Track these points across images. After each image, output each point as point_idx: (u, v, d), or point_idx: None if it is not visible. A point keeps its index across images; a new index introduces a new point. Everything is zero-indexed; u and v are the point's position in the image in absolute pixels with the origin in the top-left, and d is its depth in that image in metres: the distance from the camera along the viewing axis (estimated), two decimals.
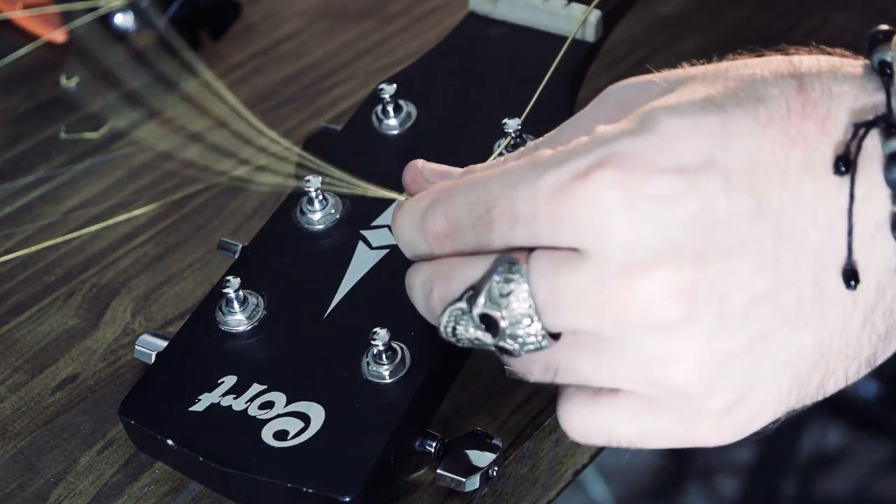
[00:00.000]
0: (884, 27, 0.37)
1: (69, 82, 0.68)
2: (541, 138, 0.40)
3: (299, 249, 0.47)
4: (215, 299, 0.45)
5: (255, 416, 0.42)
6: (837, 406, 1.31)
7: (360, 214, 0.48)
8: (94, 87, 0.68)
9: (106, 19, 0.69)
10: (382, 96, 0.51)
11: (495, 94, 0.52)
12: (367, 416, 0.42)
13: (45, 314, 0.53)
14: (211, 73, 0.50)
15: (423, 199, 0.38)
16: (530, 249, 0.36)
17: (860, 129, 0.34)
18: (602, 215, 0.34)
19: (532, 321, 0.35)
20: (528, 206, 0.35)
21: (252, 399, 0.42)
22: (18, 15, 0.71)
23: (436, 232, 0.38)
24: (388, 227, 0.47)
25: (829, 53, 0.38)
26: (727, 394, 0.35)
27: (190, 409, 0.43)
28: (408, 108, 0.51)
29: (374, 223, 0.47)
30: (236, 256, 0.48)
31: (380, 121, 0.51)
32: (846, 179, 0.34)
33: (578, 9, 0.53)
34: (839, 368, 0.36)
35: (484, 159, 0.47)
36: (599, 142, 0.35)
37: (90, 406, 0.49)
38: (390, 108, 0.51)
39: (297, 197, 0.48)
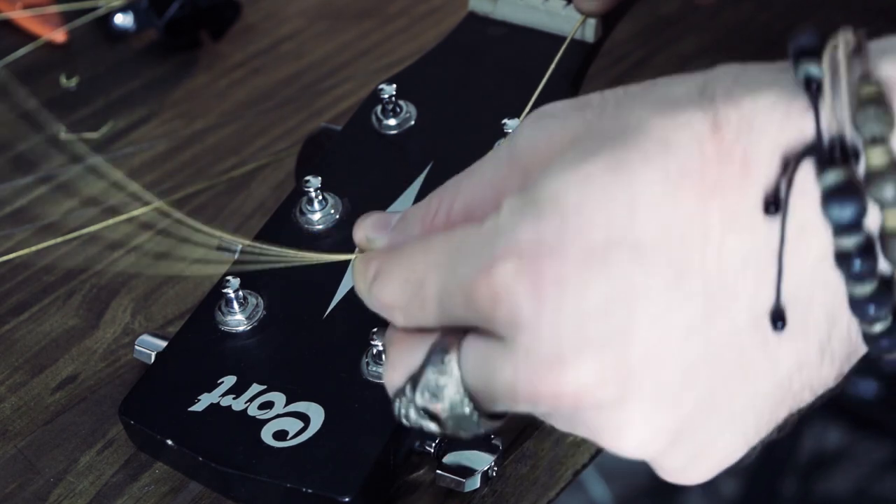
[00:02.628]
0: (808, 32, 0.33)
1: (69, 82, 0.68)
2: (451, 180, 0.37)
3: (299, 249, 0.47)
4: (215, 299, 0.45)
5: (254, 417, 0.42)
6: (837, 406, 1.31)
7: (360, 214, 0.47)
8: (94, 86, 0.68)
9: (106, 19, 0.69)
10: (382, 96, 0.51)
11: (495, 95, 0.52)
12: (367, 417, 0.42)
13: (45, 314, 0.53)
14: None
15: (368, 268, 0.37)
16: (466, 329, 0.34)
17: (789, 163, 0.31)
18: (512, 310, 0.32)
19: (470, 409, 0.34)
20: (449, 294, 0.34)
21: (252, 399, 0.42)
22: (18, 15, 0.71)
23: (383, 303, 0.36)
24: None
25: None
26: (686, 450, 0.34)
27: (189, 409, 0.43)
28: (408, 108, 0.51)
29: None
30: (236, 256, 0.48)
31: (380, 121, 0.51)
32: (776, 219, 0.31)
33: None
34: (806, 395, 0.34)
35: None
36: (502, 231, 0.33)
37: (90, 406, 0.49)
38: (390, 108, 0.51)
39: (297, 197, 0.48)
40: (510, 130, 0.48)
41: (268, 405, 0.42)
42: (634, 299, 0.31)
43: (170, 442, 0.42)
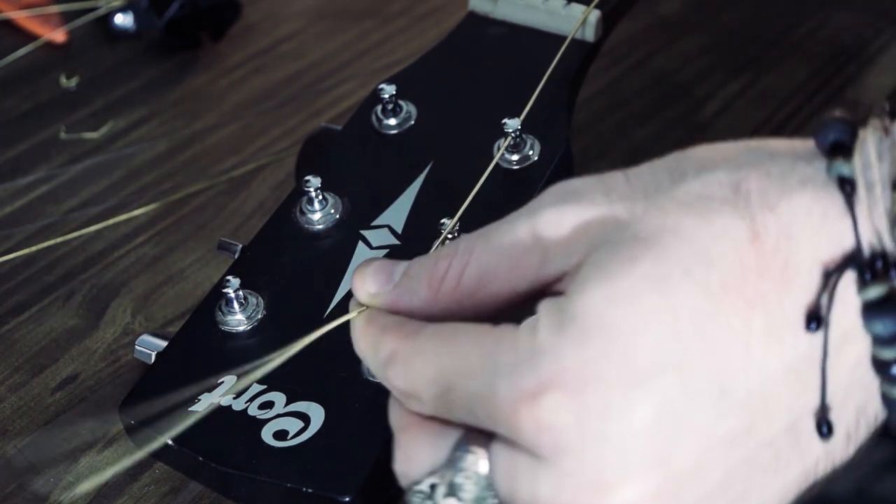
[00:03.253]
0: (837, 125, 0.32)
1: (69, 82, 0.68)
2: (463, 242, 0.36)
3: (299, 249, 0.47)
4: (215, 299, 0.45)
5: (254, 416, 0.42)
6: None
7: (360, 214, 0.48)
8: (94, 86, 0.68)
9: (106, 19, 0.69)
10: (382, 96, 0.51)
11: (495, 94, 0.52)
12: (367, 417, 0.41)
13: (45, 314, 0.53)
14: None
15: (381, 346, 0.36)
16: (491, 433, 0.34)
17: (830, 276, 0.31)
18: (556, 438, 0.31)
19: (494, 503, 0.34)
20: (482, 406, 0.33)
21: (252, 399, 0.42)
22: (18, 15, 0.71)
23: (398, 389, 0.35)
24: (389, 227, 0.47)
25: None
26: None
27: (190, 409, 0.43)
28: (408, 108, 0.51)
29: (374, 223, 0.47)
30: (236, 256, 0.47)
31: (380, 121, 0.51)
32: (818, 333, 0.31)
33: (578, 9, 0.53)
34: (827, 470, 0.34)
35: (484, 159, 0.48)
36: (543, 351, 0.32)
37: (90, 406, 0.49)
38: (390, 108, 0.51)
39: (297, 197, 0.48)
40: (510, 130, 0.47)
41: (268, 405, 0.42)
42: (678, 419, 0.31)
43: (170, 442, 0.42)
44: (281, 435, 0.41)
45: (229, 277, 0.45)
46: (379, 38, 0.71)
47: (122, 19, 0.69)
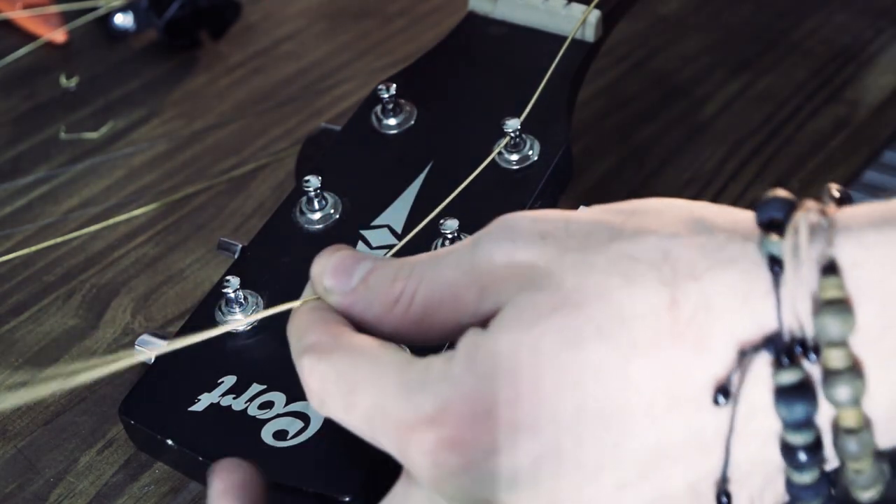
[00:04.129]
0: (775, 202, 0.32)
1: (69, 82, 0.68)
2: (418, 265, 0.36)
3: (299, 249, 0.47)
4: (215, 299, 0.45)
5: (254, 416, 0.42)
6: None
7: (359, 214, 0.48)
8: (94, 86, 0.68)
9: (106, 19, 0.69)
10: (382, 96, 0.51)
11: (495, 94, 0.52)
12: None
13: (45, 314, 0.54)
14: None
15: (308, 335, 0.36)
16: None
17: (746, 354, 0.31)
18: (437, 473, 0.32)
19: None
20: (380, 422, 0.33)
21: (252, 399, 0.42)
22: (18, 15, 0.71)
23: (307, 380, 0.35)
24: (389, 226, 0.47)
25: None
26: None
27: (190, 409, 0.43)
28: (408, 108, 0.51)
29: (374, 223, 0.47)
30: (236, 256, 0.48)
31: (380, 121, 0.51)
32: (726, 407, 0.31)
33: (578, 9, 0.53)
34: None
35: (483, 159, 0.48)
36: (449, 382, 0.32)
37: (90, 406, 0.49)
38: (390, 108, 0.51)
39: (297, 197, 0.48)
40: (510, 130, 0.47)
41: (268, 405, 0.42)
42: (563, 464, 0.31)
43: (170, 442, 0.42)
44: (281, 435, 0.41)
45: (229, 277, 0.45)
46: (379, 38, 0.71)
47: (122, 19, 0.69)
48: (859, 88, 0.65)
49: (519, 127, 0.48)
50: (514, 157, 0.48)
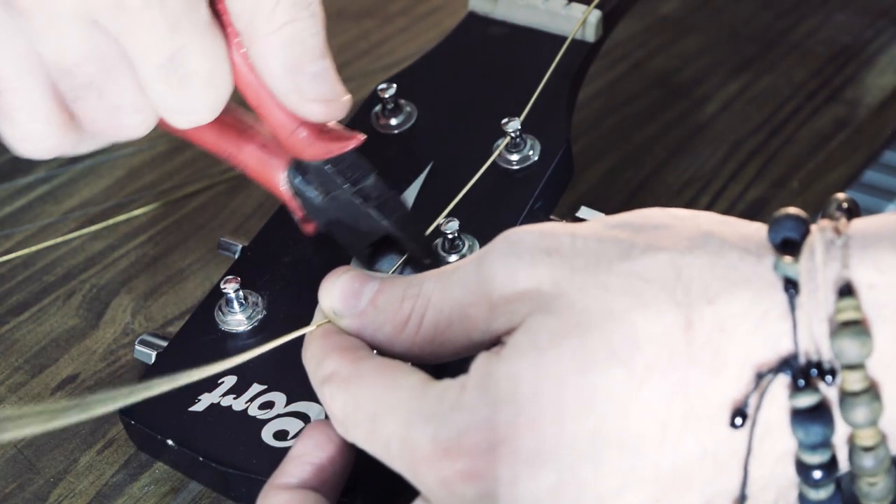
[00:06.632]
0: (790, 221, 0.32)
1: None
2: (426, 283, 0.36)
3: (300, 250, 0.47)
4: (215, 299, 0.45)
5: (255, 417, 0.42)
6: None
7: None
8: None
9: None
10: (382, 96, 0.51)
11: (495, 95, 0.52)
12: None
13: (45, 314, 0.53)
14: None
15: (325, 363, 0.36)
16: None
17: (763, 377, 0.31)
18: (455, 499, 0.32)
19: None
20: (398, 449, 0.33)
21: (252, 399, 0.42)
22: None
23: (330, 408, 0.36)
24: None
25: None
26: None
27: (190, 409, 0.43)
28: (408, 108, 0.51)
29: None
30: (236, 256, 0.48)
31: (380, 121, 0.51)
32: (743, 429, 0.31)
33: (578, 9, 0.53)
34: None
35: (484, 159, 0.48)
36: (464, 412, 0.32)
37: None
38: (390, 108, 0.51)
39: None
40: (510, 130, 0.47)
41: (268, 405, 0.42)
42: (582, 489, 0.31)
43: (170, 442, 0.42)
44: (281, 435, 0.41)
45: (229, 277, 0.45)
46: (379, 38, 0.71)
47: None
48: (859, 88, 0.65)
49: (519, 127, 0.48)
50: (515, 157, 0.48)
